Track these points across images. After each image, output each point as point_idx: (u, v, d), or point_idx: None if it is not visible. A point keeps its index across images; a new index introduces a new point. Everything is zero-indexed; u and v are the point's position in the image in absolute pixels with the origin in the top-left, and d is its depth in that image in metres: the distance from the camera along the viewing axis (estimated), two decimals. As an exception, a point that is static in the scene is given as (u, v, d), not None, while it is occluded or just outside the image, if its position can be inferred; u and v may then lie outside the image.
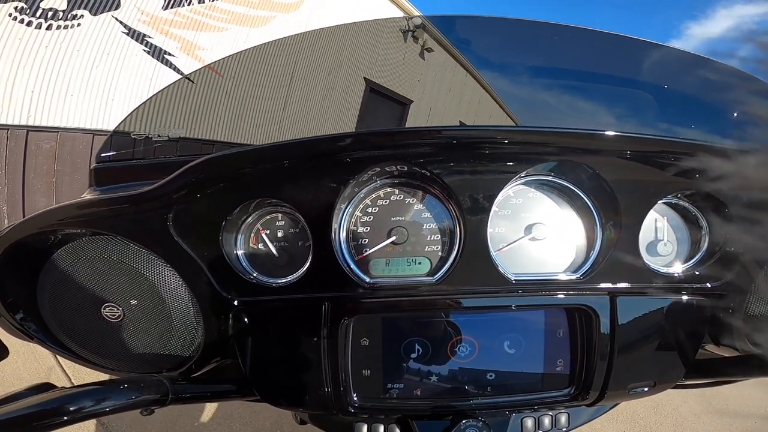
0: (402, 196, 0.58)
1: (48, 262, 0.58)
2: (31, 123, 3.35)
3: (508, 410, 0.64)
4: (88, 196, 0.61)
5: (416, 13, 6.44)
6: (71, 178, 3.44)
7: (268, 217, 0.59)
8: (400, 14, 6.23)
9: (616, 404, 0.69)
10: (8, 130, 3.22)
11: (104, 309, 0.59)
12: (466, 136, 0.52)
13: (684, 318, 0.62)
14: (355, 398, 0.60)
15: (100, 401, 0.46)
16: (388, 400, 0.61)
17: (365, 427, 0.62)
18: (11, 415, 0.40)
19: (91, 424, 2.02)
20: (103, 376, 0.60)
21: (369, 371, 0.60)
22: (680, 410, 2.53)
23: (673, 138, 0.56)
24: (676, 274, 0.61)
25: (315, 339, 0.57)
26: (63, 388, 0.48)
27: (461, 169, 0.54)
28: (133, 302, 0.59)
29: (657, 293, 0.61)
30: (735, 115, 0.89)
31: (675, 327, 0.62)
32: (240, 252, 0.58)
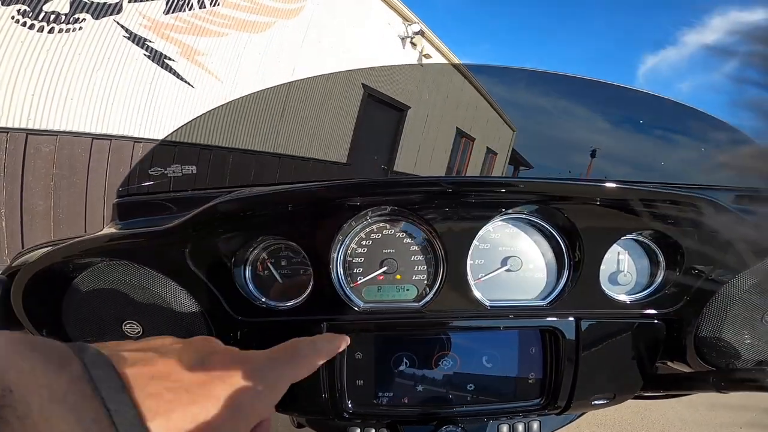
0: (393, 230, 0.66)
1: (72, 284, 0.64)
2: (30, 126, 3.36)
3: (486, 417, 0.71)
4: (111, 229, 0.68)
5: (415, 18, 6.50)
6: (69, 181, 3.46)
7: (273, 248, 0.66)
8: (399, 20, 6.29)
9: (583, 413, 0.77)
10: (8, 133, 3.23)
11: (125, 326, 0.65)
12: (450, 187, 0.60)
13: (641, 339, 0.71)
14: (350, 405, 0.67)
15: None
16: (379, 407, 0.68)
17: (358, 431, 0.69)
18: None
19: None
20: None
21: (362, 381, 0.68)
22: (667, 415, 2.60)
23: (638, 186, 0.63)
24: (633, 302, 0.69)
25: (314, 354, 0.65)
26: None
27: (445, 213, 0.62)
28: (151, 319, 0.64)
29: (617, 317, 0.69)
30: (702, 150, 0.98)
31: (633, 347, 0.71)
32: (249, 279, 0.65)
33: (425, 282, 0.66)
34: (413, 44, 6.24)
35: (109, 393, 0.22)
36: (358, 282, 0.65)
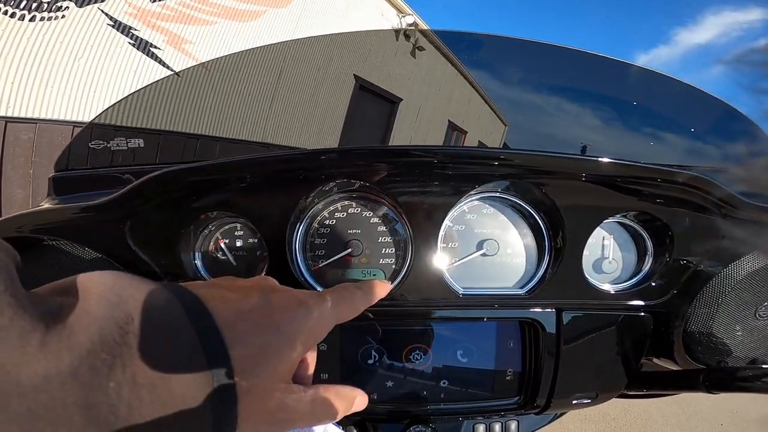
0: (359, 209, 0.60)
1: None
2: (9, 114, 3.28)
3: (460, 416, 0.66)
4: (46, 204, 0.61)
5: (409, 11, 6.44)
6: (49, 170, 3.35)
7: (227, 226, 0.60)
8: (393, 13, 6.23)
9: (564, 413, 0.72)
10: (-15, 120, 3.15)
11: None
12: (417, 155, 0.54)
13: (626, 333, 0.65)
14: None
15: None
16: None
17: (341, 428, 0.64)
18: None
19: None
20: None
21: (326, 375, 0.63)
22: (650, 411, 2.62)
23: (625, 161, 0.57)
24: (618, 292, 0.64)
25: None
26: None
27: (413, 188, 0.56)
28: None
29: (601, 309, 0.64)
30: (692, 130, 0.93)
31: (617, 341, 0.66)
32: (197, 260, 0.59)
33: (393, 266, 0.60)
34: (407, 36, 6.18)
35: (200, 322, 0.26)
36: (320, 265, 0.59)
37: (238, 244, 0.60)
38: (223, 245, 0.60)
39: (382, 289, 0.45)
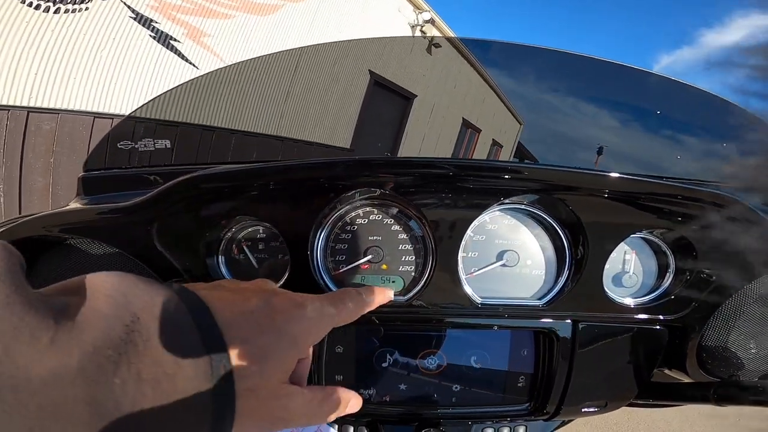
0: (380, 216, 0.61)
1: (34, 266, 0.60)
2: (32, 104, 3.35)
3: (470, 420, 0.67)
4: (76, 204, 0.63)
5: (426, 6, 6.39)
6: (69, 159, 3.44)
7: (250, 229, 0.61)
8: (410, 9, 6.19)
9: (572, 420, 0.73)
10: (8, 111, 3.23)
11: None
12: (443, 168, 0.55)
13: (640, 345, 0.66)
14: None
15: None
16: None
17: (336, 428, 0.65)
18: None
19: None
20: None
21: (342, 376, 0.64)
22: (653, 416, 2.62)
23: (652, 179, 0.58)
24: (637, 306, 0.64)
25: (291, 345, 0.60)
26: None
27: (437, 199, 0.56)
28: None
29: (617, 321, 0.64)
30: (724, 145, 0.91)
31: (631, 352, 0.66)
32: (221, 262, 0.60)
33: (413, 274, 0.61)
34: (423, 33, 6.14)
35: (203, 321, 0.28)
36: (340, 270, 0.60)
37: (261, 246, 0.61)
38: (246, 248, 0.61)
39: (383, 295, 0.47)
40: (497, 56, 1.18)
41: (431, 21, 6.11)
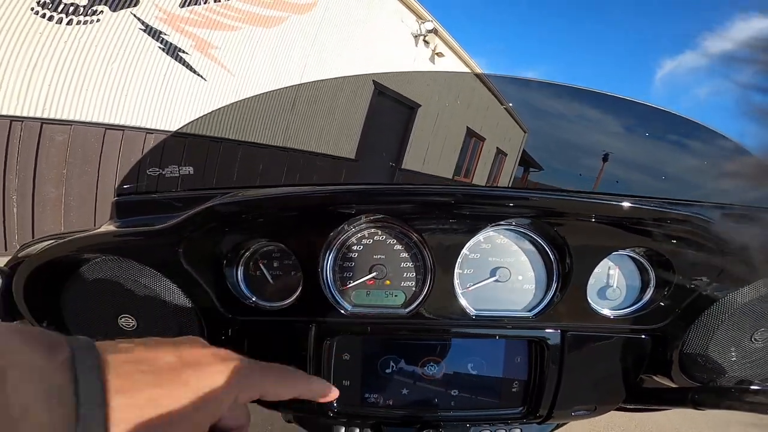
0: (384, 237, 0.67)
1: (71, 278, 0.66)
2: (45, 115, 3.44)
3: (468, 423, 0.72)
4: (110, 227, 0.69)
5: (428, 17, 6.48)
6: (81, 170, 3.53)
7: (265, 249, 0.67)
8: (413, 18, 6.27)
9: (565, 423, 0.78)
10: (23, 122, 3.32)
11: (120, 319, 0.67)
12: (440, 198, 0.62)
13: (626, 353, 0.71)
14: (335, 404, 0.68)
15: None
16: (364, 407, 0.70)
17: (343, 429, 0.70)
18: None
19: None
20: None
21: (348, 382, 0.69)
22: (660, 422, 2.63)
23: (632, 204, 0.63)
24: (618, 317, 0.69)
25: (303, 353, 0.67)
26: None
27: (434, 223, 0.63)
28: (145, 314, 0.66)
29: (602, 332, 0.70)
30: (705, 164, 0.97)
31: (617, 360, 0.71)
32: (240, 279, 0.67)
33: (414, 289, 0.67)
34: (426, 42, 6.22)
35: (83, 370, 0.25)
36: (348, 286, 0.66)
37: (275, 264, 0.68)
38: (262, 266, 0.67)
39: (325, 389, 0.43)
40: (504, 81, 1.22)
41: (434, 31, 6.19)
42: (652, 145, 1.05)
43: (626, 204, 0.62)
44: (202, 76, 4.27)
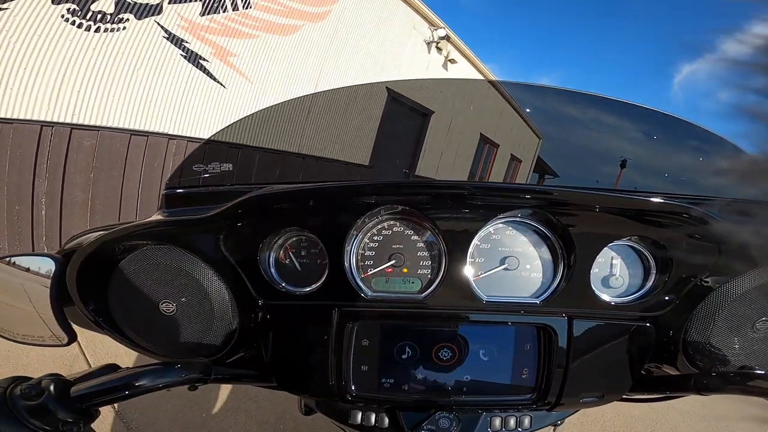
0: (402, 228, 0.73)
1: (118, 266, 0.73)
2: (75, 121, 3.58)
3: (480, 409, 0.76)
4: (159, 216, 0.77)
5: (441, 23, 6.55)
6: (107, 174, 3.67)
7: (294, 238, 0.74)
8: (425, 25, 6.35)
9: (576, 411, 0.81)
10: (53, 127, 3.47)
11: (161, 304, 0.73)
12: (453, 189, 0.68)
13: (631, 341, 0.75)
14: (353, 389, 0.73)
15: (159, 378, 0.57)
16: (381, 391, 0.73)
17: (360, 414, 0.75)
18: (96, 388, 0.54)
19: (106, 411, 2.10)
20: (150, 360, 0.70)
21: (367, 367, 0.73)
22: (669, 414, 2.67)
23: (628, 196, 0.68)
24: (621, 304, 0.74)
25: (325, 337, 0.72)
26: (128, 368, 0.59)
27: (449, 214, 0.69)
28: (185, 299, 0.73)
29: (607, 318, 0.74)
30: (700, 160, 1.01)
31: (623, 348, 0.75)
32: (272, 266, 0.73)
33: (429, 276, 0.73)
34: (439, 49, 6.29)
35: None
36: (369, 273, 0.73)
37: (303, 253, 0.74)
38: (291, 254, 0.74)
39: None
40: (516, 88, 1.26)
41: (447, 37, 6.25)
42: (670, 149, 1.09)
43: (627, 196, 0.67)
44: (221, 83, 4.40)
